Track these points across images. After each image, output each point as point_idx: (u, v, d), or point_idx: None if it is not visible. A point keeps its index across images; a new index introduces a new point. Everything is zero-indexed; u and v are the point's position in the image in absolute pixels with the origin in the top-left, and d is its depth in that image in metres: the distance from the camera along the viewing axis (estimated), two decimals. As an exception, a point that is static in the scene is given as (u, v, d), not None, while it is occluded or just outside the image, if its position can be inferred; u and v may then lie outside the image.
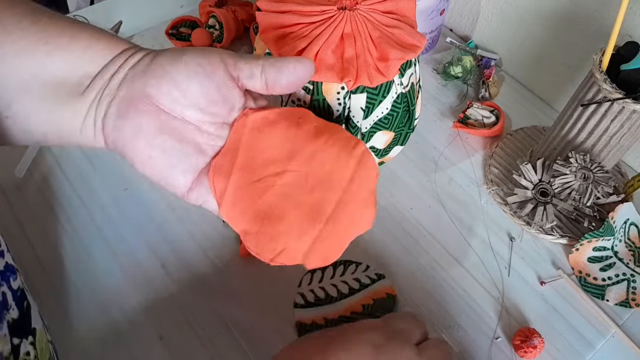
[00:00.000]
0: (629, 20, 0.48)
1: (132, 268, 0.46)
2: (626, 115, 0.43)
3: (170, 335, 0.43)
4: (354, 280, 0.44)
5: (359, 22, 0.39)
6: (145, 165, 0.31)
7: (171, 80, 0.30)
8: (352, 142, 0.32)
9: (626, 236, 0.48)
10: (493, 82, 0.61)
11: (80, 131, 0.31)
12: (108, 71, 0.31)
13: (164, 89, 0.30)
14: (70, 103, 0.30)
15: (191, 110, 0.31)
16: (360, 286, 0.44)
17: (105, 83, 0.31)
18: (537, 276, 0.47)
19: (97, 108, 0.31)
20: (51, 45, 0.30)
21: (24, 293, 0.33)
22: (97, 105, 0.31)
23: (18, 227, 0.48)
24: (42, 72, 0.30)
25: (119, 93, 0.30)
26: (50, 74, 0.30)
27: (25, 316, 0.32)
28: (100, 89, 0.31)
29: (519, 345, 0.42)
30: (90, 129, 0.31)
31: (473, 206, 0.52)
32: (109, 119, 0.30)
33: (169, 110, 0.30)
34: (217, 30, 0.63)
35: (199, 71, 0.30)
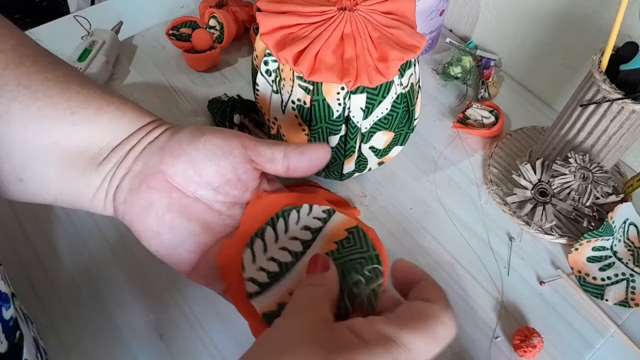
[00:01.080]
0: (628, 21, 0.48)
1: (132, 268, 0.46)
2: (625, 115, 0.43)
3: (171, 335, 0.43)
4: (303, 230, 0.33)
5: (359, 23, 0.39)
6: (152, 241, 0.31)
7: (188, 159, 0.30)
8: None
9: (625, 236, 0.48)
10: (492, 83, 0.61)
11: (91, 200, 0.31)
12: (128, 144, 0.31)
13: (179, 168, 0.30)
14: (86, 173, 0.30)
15: (204, 189, 0.31)
16: (312, 233, 0.33)
17: (122, 156, 0.31)
18: (537, 276, 0.48)
19: (111, 180, 0.31)
20: (77, 115, 0.30)
21: (17, 323, 0.31)
22: (112, 177, 0.31)
23: (18, 227, 0.48)
24: (63, 140, 0.30)
25: (134, 167, 0.31)
26: (71, 144, 0.30)
27: (15, 348, 0.30)
28: (117, 162, 0.31)
29: (519, 344, 0.42)
30: (101, 199, 0.31)
31: (472, 206, 0.52)
32: (120, 192, 0.31)
33: (181, 187, 0.30)
34: (218, 31, 0.63)
35: (217, 152, 0.30)
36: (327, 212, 0.34)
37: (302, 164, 0.32)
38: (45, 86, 0.29)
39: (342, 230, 0.34)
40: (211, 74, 0.62)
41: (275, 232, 0.33)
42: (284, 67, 0.40)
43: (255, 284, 0.32)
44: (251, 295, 0.31)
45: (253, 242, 0.33)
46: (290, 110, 0.41)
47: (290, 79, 0.39)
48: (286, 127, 0.43)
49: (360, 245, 0.34)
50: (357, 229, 0.34)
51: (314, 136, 0.42)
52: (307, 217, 0.34)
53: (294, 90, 0.40)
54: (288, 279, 0.32)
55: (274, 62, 0.40)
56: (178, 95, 0.59)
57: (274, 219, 0.33)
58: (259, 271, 0.32)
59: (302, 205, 0.34)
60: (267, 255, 0.33)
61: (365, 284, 0.32)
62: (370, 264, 0.33)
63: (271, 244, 0.33)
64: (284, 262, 0.32)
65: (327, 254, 0.33)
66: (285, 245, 0.33)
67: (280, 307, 0.31)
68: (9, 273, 0.45)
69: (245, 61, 0.64)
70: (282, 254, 0.33)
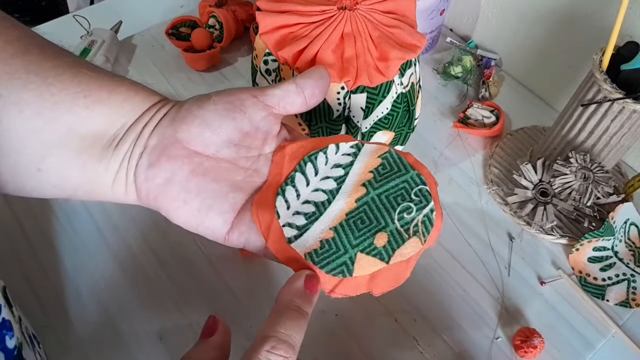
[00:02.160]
0: (629, 20, 0.48)
1: (132, 268, 0.46)
2: (626, 115, 0.43)
3: (170, 335, 0.42)
4: (335, 168, 0.32)
5: (359, 22, 0.39)
6: (180, 213, 0.29)
7: (202, 121, 0.29)
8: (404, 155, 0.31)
9: (626, 236, 0.48)
10: (493, 82, 0.61)
11: (112, 186, 0.30)
12: (140, 123, 0.30)
13: (195, 131, 0.29)
14: (104, 158, 0.30)
15: (225, 148, 0.30)
16: (344, 169, 0.32)
17: (137, 135, 0.30)
18: (537, 276, 0.47)
19: (129, 161, 0.30)
20: (90, 98, 0.29)
21: (20, 352, 0.31)
22: (129, 158, 0.30)
23: (18, 227, 0.48)
24: (79, 126, 0.29)
25: (150, 143, 0.30)
26: (87, 128, 0.29)
27: None
28: (132, 141, 0.30)
29: (519, 345, 0.42)
30: (121, 183, 0.30)
31: (473, 206, 0.52)
32: (140, 170, 0.30)
33: (202, 151, 0.30)
34: (217, 30, 0.63)
35: (229, 107, 0.30)
36: (356, 147, 0.32)
37: (316, 89, 0.31)
38: (55, 72, 0.29)
39: (375, 158, 0.32)
40: (211, 74, 0.62)
41: (305, 176, 0.32)
42: (283, 67, 0.39)
43: (293, 228, 0.30)
44: (290, 240, 0.30)
45: (284, 190, 0.31)
46: (290, 110, 0.41)
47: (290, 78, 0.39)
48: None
49: (398, 169, 0.32)
50: (390, 152, 0.32)
51: (313, 136, 0.42)
52: (336, 156, 0.32)
53: (293, 89, 0.40)
54: (326, 216, 0.30)
55: (274, 62, 0.40)
56: (177, 95, 0.59)
57: (301, 164, 0.32)
58: (295, 215, 0.31)
59: (327, 146, 0.32)
60: (301, 200, 0.31)
61: (416, 210, 0.30)
62: (414, 185, 0.31)
63: (303, 188, 0.31)
64: (319, 202, 0.31)
65: (364, 185, 0.31)
66: (318, 186, 0.31)
67: (323, 243, 0.30)
68: (9, 273, 0.45)
69: (245, 61, 0.64)
70: (316, 195, 0.31)
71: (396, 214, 0.30)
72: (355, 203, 0.30)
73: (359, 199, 0.31)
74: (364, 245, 0.29)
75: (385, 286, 0.29)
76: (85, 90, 0.29)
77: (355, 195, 0.31)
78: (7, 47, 0.28)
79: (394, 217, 0.30)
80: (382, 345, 0.43)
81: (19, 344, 0.31)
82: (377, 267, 0.29)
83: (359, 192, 0.31)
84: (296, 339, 0.26)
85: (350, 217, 0.30)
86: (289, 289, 0.27)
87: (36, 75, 0.28)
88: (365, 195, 0.31)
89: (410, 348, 0.43)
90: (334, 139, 0.33)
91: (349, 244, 0.29)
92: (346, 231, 0.30)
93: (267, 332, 0.25)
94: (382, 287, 0.29)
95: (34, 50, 0.29)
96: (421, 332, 0.43)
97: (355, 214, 0.30)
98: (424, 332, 0.43)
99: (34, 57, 0.29)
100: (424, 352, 0.43)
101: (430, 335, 0.43)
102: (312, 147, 0.32)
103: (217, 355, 0.28)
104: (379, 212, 0.30)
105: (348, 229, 0.30)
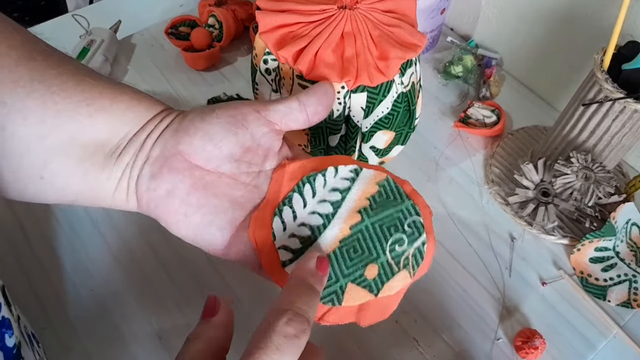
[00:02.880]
0: (631, 20, 0.48)
1: (132, 268, 0.46)
2: (627, 114, 0.43)
3: (170, 335, 0.42)
4: (332, 192, 0.32)
5: (359, 21, 0.39)
6: (181, 225, 0.30)
7: (205, 134, 0.30)
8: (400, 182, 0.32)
9: (628, 236, 0.48)
10: (494, 82, 0.60)
11: (113, 194, 0.31)
12: (143, 133, 0.31)
13: (197, 144, 0.30)
14: (106, 167, 0.30)
15: (226, 162, 0.30)
16: (341, 193, 0.32)
17: (140, 145, 0.30)
18: (539, 277, 0.47)
19: (132, 170, 0.30)
20: (93, 107, 0.29)
21: (19, 351, 0.31)
22: (132, 168, 0.30)
23: (18, 227, 0.48)
24: (81, 134, 0.29)
25: (152, 153, 0.30)
26: (89, 136, 0.30)
27: None
28: (135, 151, 0.30)
29: (520, 346, 0.42)
30: (123, 192, 0.31)
31: (474, 206, 0.52)
32: (142, 181, 0.30)
33: (203, 165, 0.30)
34: (217, 30, 0.62)
35: (232, 121, 0.30)
36: (354, 171, 0.32)
37: (319, 106, 0.32)
38: (59, 80, 0.29)
39: (372, 185, 0.32)
40: (210, 73, 0.62)
41: (303, 197, 0.32)
42: (283, 66, 0.39)
43: (288, 251, 0.31)
44: (285, 263, 0.30)
45: (282, 211, 0.31)
46: (290, 110, 0.41)
47: (290, 77, 0.39)
48: (286, 127, 0.43)
49: (394, 197, 0.32)
50: (388, 180, 0.32)
51: (313, 136, 0.41)
52: (334, 179, 0.32)
53: (293, 89, 0.39)
54: (320, 242, 0.31)
55: (274, 61, 0.40)
56: (177, 94, 0.59)
57: (299, 185, 0.32)
58: (291, 238, 0.31)
59: (327, 168, 0.32)
60: (297, 222, 0.31)
61: (407, 242, 0.31)
62: (409, 216, 0.32)
63: (300, 209, 0.32)
64: (315, 226, 0.31)
65: (360, 212, 0.31)
66: (314, 209, 0.32)
67: None
68: (8, 273, 0.45)
69: (245, 60, 0.64)
70: (313, 218, 0.31)
71: (388, 245, 0.30)
72: (350, 230, 0.31)
73: (354, 226, 0.31)
74: (354, 275, 0.30)
75: (373, 318, 0.29)
76: (88, 98, 0.29)
77: (350, 221, 0.31)
78: (11, 53, 0.28)
79: (385, 248, 0.30)
80: (382, 346, 0.42)
81: (18, 342, 0.31)
82: (366, 298, 0.29)
83: (354, 219, 0.31)
84: (310, 313, 0.26)
85: (343, 245, 0.30)
86: (301, 269, 0.27)
87: (40, 83, 0.28)
88: (359, 223, 0.31)
89: (411, 349, 0.43)
90: (335, 160, 0.32)
91: (340, 273, 0.30)
92: (339, 260, 0.30)
93: (283, 306, 0.25)
94: (369, 319, 0.29)
95: (37, 56, 0.29)
96: (421, 332, 0.43)
97: (349, 241, 0.31)
98: (425, 333, 0.43)
99: (38, 64, 0.29)
100: (424, 352, 0.42)
101: (431, 336, 0.43)
102: (312, 167, 0.32)
103: (220, 335, 0.28)
104: (371, 241, 0.31)
105: (341, 257, 0.30)
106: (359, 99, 0.39)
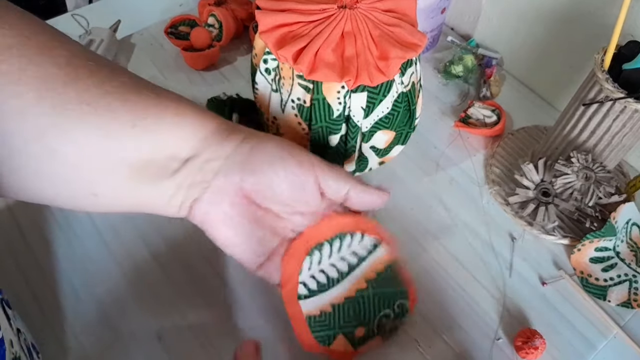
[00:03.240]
0: (631, 19, 0.48)
1: (132, 268, 0.46)
2: (628, 114, 0.43)
3: (169, 335, 0.42)
4: (352, 255, 0.40)
5: (360, 21, 0.38)
6: (227, 246, 0.35)
7: (268, 183, 0.33)
8: None
9: (628, 236, 0.48)
10: (494, 82, 0.60)
11: (165, 207, 0.33)
12: (201, 156, 0.32)
13: (260, 188, 0.33)
14: (157, 184, 0.32)
15: (277, 204, 0.35)
16: (358, 260, 0.40)
17: (198, 168, 0.32)
18: (539, 277, 0.47)
19: (189, 191, 0.33)
20: (138, 128, 0.31)
21: None
22: (189, 188, 0.33)
23: (17, 228, 0.48)
24: (128, 154, 0.31)
25: (215, 183, 0.33)
26: (137, 158, 0.31)
27: None
28: (192, 173, 0.32)
29: (521, 346, 0.42)
30: (175, 206, 0.33)
31: (474, 206, 0.52)
32: (201, 204, 0.33)
33: (259, 203, 0.34)
34: (217, 29, 0.62)
35: (295, 180, 0.34)
36: (374, 245, 0.41)
37: (357, 205, 0.37)
38: (105, 100, 0.30)
39: (382, 264, 0.41)
40: (210, 73, 0.62)
41: (331, 249, 0.39)
42: (283, 66, 0.39)
43: (306, 288, 0.39)
44: (300, 297, 0.38)
45: (312, 253, 0.39)
46: (289, 110, 0.41)
47: (289, 77, 0.39)
48: (285, 127, 0.42)
49: (394, 280, 0.41)
50: (394, 265, 0.41)
51: (313, 136, 0.41)
52: (358, 245, 0.40)
53: (293, 89, 0.39)
54: (331, 292, 0.39)
55: (274, 61, 0.40)
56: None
57: (334, 238, 0.39)
58: (311, 278, 0.39)
59: (356, 232, 0.40)
60: (320, 267, 0.39)
61: (392, 318, 0.41)
62: (399, 298, 0.41)
63: (325, 258, 0.39)
64: (331, 277, 0.39)
65: (367, 281, 0.40)
66: (335, 263, 0.39)
67: (322, 314, 0.39)
68: (6, 275, 0.45)
69: (245, 60, 0.63)
70: (331, 270, 0.39)
71: (378, 316, 0.40)
72: (355, 293, 0.39)
73: (359, 291, 0.40)
74: (347, 330, 0.39)
75: (341, 358, 0.39)
76: (134, 119, 0.31)
77: (357, 286, 0.40)
78: (59, 74, 0.29)
79: (375, 317, 0.40)
80: (382, 347, 0.42)
81: (18, 357, 0.31)
82: (348, 349, 0.39)
83: (360, 285, 0.40)
84: None
85: (347, 302, 0.39)
86: None
87: (88, 105, 0.29)
88: (364, 290, 0.40)
89: (411, 349, 0.42)
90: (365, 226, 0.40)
91: (337, 324, 0.39)
92: (340, 312, 0.39)
93: None
94: (338, 358, 0.39)
95: (83, 75, 0.30)
96: (422, 333, 0.43)
97: (352, 302, 0.39)
98: (425, 333, 0.43)
99: (84, 84, 0.30)
100: (424, 353, 0.42)
101: (431, 336, 0.43)
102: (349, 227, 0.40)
103: None
104: (368, 308, 0.40)
105: (342, 311, 0.39)
106: (359, 99, 0.39)
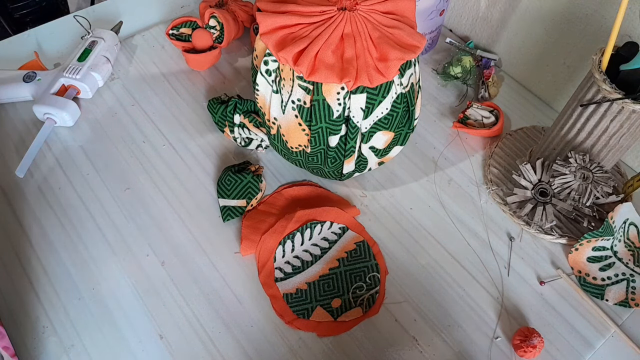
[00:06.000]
0: (628, 21, 0.48)
1: (132, 268, 0.46)
2: (625, 115, 0.43)
3: (170, 334, 0.43)
4: (323, 240, 0.46)
5: (359, 23, 0.39)
6: None
7: None
8: None
9: (625, 236, 0.48)
10: (493, 83, 0.61)
11: None
12: None
13: None
14: None
15: None
16: (329, 243, 0.46)
17: None
18: (537, 276, 0.48)
19: None
20: None
21: None
22: None
23: (18, 227, 0.48)
24: None
25: None
26: None
27: None
28: None
29: (519, 344, 0.42)
30: None
31: (473, 206, 0.52)
32: None
33: None
34: (218, 31, 0.63)
35: None
36: (342, 229, 0.47)
37: None
38: None
39: (351, 243, 0.46)
40: (211, 74, 0.62)
41: (302, 237, 0.46)
42: (283, 67, 0.40)
43: (282, 272, 0.45)
44: (277, 280, 0.45)
45: (285, 242, 0.46)
46: (290, 110, 0.41)
47: (290, 79, 0.39)
48: (286, 127, 0.43)
49: (364, 256, 0.46)
50: (364, 242, 0.47)
51: (314, 136, 0.42)
52: (327, 231, 0.47)
53: (294, 90, 0.40)
54: (306, 273, 0.45)
55: (274, 62, 0.40)
56: (178, 95, 0.59)
57: (303, 227, 0.46)
58: (286, 264, 0.45)
59: (325, 221, 0.47)
60: (294, 254, 0.46)
61: (365, 289, 0.44)
62: (371, 272, 0.45)
63: (298, 246, 0.46)
64: (305, 261, 0.46)
65: (338, 260, 0.45)
66: (308, 248, 0.46)
67: (298, 290, 0.44)
68: (8, 272, 0.45)
69: (245, 61, 0.64)
70: (305, 255, 0.46)
71: (352, 288, 0.44)
72: (328, 270, 0.45)
73: (332, 269, 0.45)
74: (324, 302, 0.43)
75: (327, 333, 0.42)
76: None
77: (330, 265, 0.45)
78: None
79: (350, 289, 0.44)
80: (382, 345, 0.43)
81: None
82: (327, 319, 0.43)
83: (333, 264, 0.45)
84: None
85: (321, 279, 0.44)
86: None
87: None
88: (336, 268, 0.45)
89: (410, 348, 0.43)
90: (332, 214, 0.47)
91: (314, 298, 0.44)
92: (316, 288, 0.44)
93: None
94: (324, 333, 0.42)
95: None
96: (421, 331, 0.44)
97: (326, 278, 0.45)
98: (424, 332, 0.44)
99: None
100: (423, 351, 0.43)
101: (430, 335, 0.43)
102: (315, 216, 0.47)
103: None
104: (341, 283, 0.44)
105: (318, 287, 0.44)
106: (359, 100, 0.39)
